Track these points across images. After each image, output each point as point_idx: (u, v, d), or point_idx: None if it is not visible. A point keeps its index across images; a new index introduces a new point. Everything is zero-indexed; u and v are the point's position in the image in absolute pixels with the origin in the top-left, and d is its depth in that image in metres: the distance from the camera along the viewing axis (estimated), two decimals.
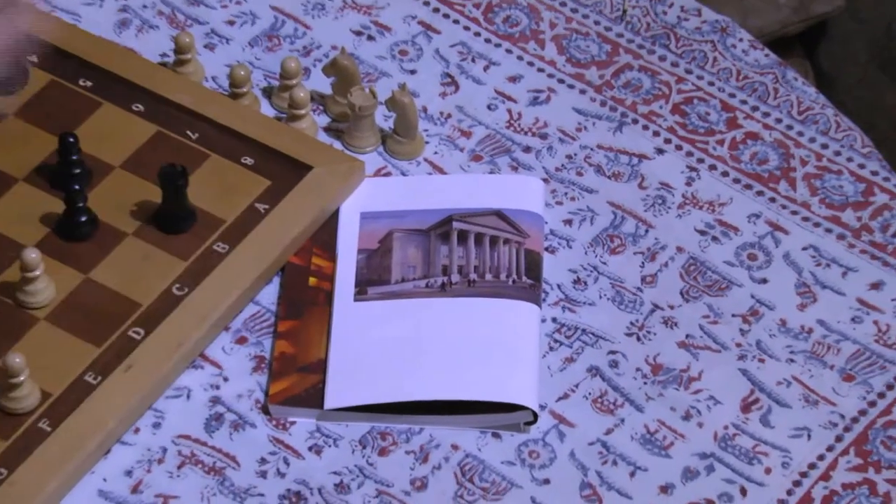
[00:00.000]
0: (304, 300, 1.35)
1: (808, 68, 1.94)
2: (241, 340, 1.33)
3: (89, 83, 1.43)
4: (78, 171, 1.35)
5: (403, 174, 1.43)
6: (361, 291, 1.35)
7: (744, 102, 1.48)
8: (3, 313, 1.30)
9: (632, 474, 1.28)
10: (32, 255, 1.29)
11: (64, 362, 1.28)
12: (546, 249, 1.38)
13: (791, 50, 1.91)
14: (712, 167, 1.44)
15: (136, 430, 1.28)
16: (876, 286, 1.38)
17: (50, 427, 1.25)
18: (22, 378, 1.24)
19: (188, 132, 1.41)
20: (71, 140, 1.35)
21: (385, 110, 1.44)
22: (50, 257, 1.32)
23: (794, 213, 1.42)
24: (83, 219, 1.34)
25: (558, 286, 1.37)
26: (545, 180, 1.43)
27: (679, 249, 1.39)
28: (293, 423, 1.29)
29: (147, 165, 1.38)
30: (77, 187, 1.34)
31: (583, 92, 1.48)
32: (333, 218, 1.39)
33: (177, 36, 1.45)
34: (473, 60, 1.50)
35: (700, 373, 1.33)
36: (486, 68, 1.50)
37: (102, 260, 1.34)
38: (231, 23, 1.51)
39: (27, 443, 1.24)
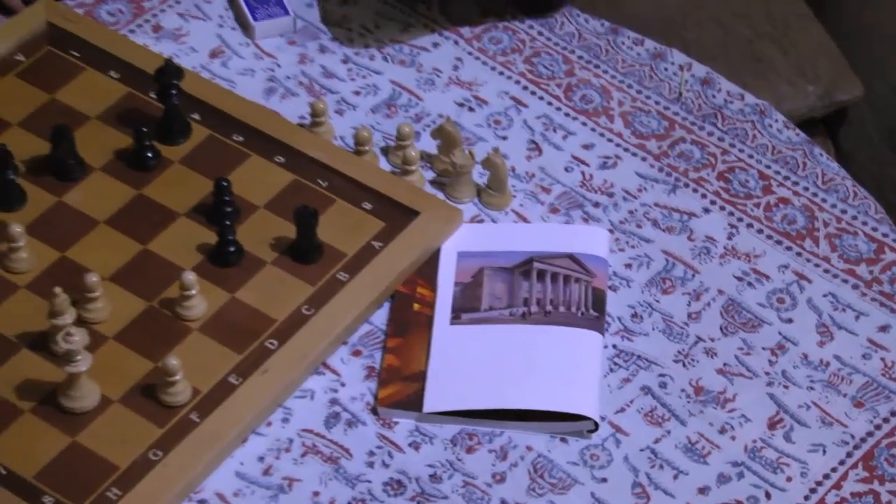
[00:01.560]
0: (408, 322, 1.34)
1: (830, 146, 1.93)
2: (357, 353, 1.33)
3: (241, 138, 1.44)
4: (229, 209, 1.36)
5: (494, 222, 1.42)
6: (456, 317, 1.34)
7: (777, 173, 1.47)
8: (164, 324, 1.31)
9: (675, 477, 1.26)
10: (190, 276, 1.30)
11: (212, 365, 1.28)
12: (609, 288, 1.38)
13: (816, 130, 1.90)
14: (749, 225, 1.43)
15: (269, 424, 1.28)
16: (884, 329, 1.36)
17: (198, 418, 1.25)
18: (177, 377, 1.25)
19: (319, 181, 1.41)
20: (224, 184, 1.36)
21: (481, 169, 1.43)
22: (203, 279, 1.32)
23: (817, 265, 1.40)
24: (232, 249, 1.35)
25: (618, 319, 1.36)
26: (610, 231, 1.42)
27: (720, 292, 1.38)
28: (397, 422, 1.29)
29: (285, 207, 1.38)
30: (228, 223, 1.34)
31: (644, 159, 1.48)
32: (435, 255, 1.38)
33: (313, 102, 1.45)
34: (554, 130, 1.50)
35: (734, 395, 1.31)
36: (564, 137, 1.49)
37: (246, 283, 1.34)
38: (357, 93, 1.51)
39: (180, 431, 1.24)
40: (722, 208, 1.44)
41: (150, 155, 1.41)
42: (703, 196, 1.45)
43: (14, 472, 1.21)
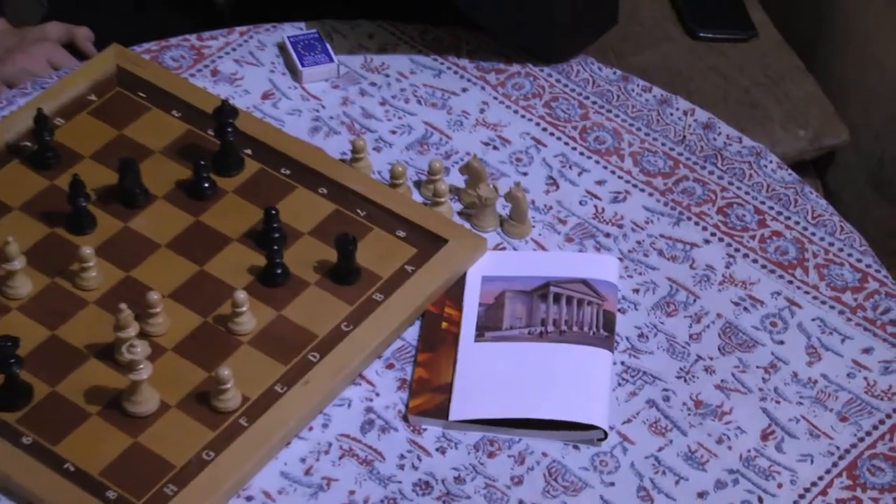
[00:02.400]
0: (437, 339, 1.34)
1: (819, 186, 1.92)
2: (390, 366, 1.32)
3: (288, 172, 1.44)
4: (277, 235, 1.36)
5: (515, 249, 1.42)
6: (480, 335, 1.34)
7: (771, 208, 1.46)
8: (217, 337, 1.30)
9: (676, 482, 1.26)
10: (241, 295, 1.30)
11: (260, 375, 1.28)
12: (618, 310, 1.37)
13: (807, 171, 1.89)
14: (745, 255, 1.42)
15: (310, 429, 1.27)
16: (867, 351, 1.35)
17: (247, 423, 1.25)
18: (229, 385, 1.25)
19: (358, 211, 1.41)
20: (273, 212, 1.35)
21: (504, 201, 1.43)
22: (253, 298, 1.32)
23: (807, 292, 1.39)
24: (279, 271, 1.35)
25: (626, 338, 1.35)
26: (620, 259, 1.41)
27: (718, 315, 1.37)
28: (425, 429, 1.28)
29: (327, 234, 1.38)
30: (276, 248, 1.34)
31: (651, 194, 1.47)
32: (462, 279, 1.38)
33: (354, 140, 1.45)
34: (570, 167, 1.49)
35: (731, 409, 1.30)
36: (579, 174, 1.49)
37: (291, 302, 1.34)
38: (393, 132, 1.51)
39: (230, 434, 1.24)
40: (721, 240, 1.44)
41: (207, 185, 1.41)
42: (704, 228, 1.44)
43: (81, 469, 1.21)
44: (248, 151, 1.45)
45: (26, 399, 1.25)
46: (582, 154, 1.51)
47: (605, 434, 1.27)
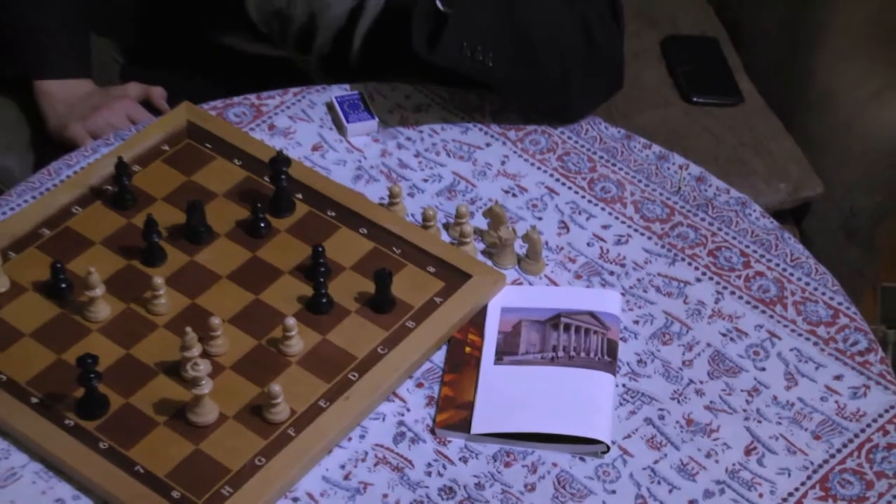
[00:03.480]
0: (461, 362, 1.34)
1: (796, 232, 1.91)
2: (420, 385, 1.32)
3: (333, 214, 1.44)
4: (323, 269, 1.36)
5: (531, 284, 1.42)
6: (499, 359, 1.33)
7: (755, 251, 1.46)
8: (269, 358, 1.30)
9: (670, 491, 1.25)
10: (290, 321, 1.30)
11: (306, 391, 1.28)
12: (621, 339, 1.36)
13: (786, 220, 1.88)
14: (732, 292, 1.42)
15: (349, 439, 1.27)
16: (838, 377, 1.34)
17: (294, 433, 1.25)
18: (279, 400, 1.25)
19: (394, 248, 1.41)
20: (320, 249, 1.36)
21: (521, 242, 1.43)
22: (301, 324, 1.32)
23: (786, 326, 1.39)
24: (324, 300, 1.35)
25: (627, 363, 1.35)
26: (622, 294, 1.41)
27: (708, 345, 1.37)
28: (450, 441, 1.28)
29: (366, 269, 1.38)
30: (322, 280, 1.34)
31: (650, 238, 1.47)
32: (484, 310, 1.38)
33: (391, 187, 1.46)
34: (579, 213, 1.49)
35: (718, 427, 1.30)
36: (587, 219, 1.48)
37: (334, 328, 1.33)
38: (425, 180, 1.52)
39: (279, 442, 1.24)
40: (711, 278, 1.43)
41: (262, 225, 1.41)
42: (696, 268, 1.44)
43: (150, 472, 1.22)
44: (299, 196, 1.45)
45: (103, 409, 1.25)
46: (590, 202, 1.50)
47: (608, 448, 1.27)
